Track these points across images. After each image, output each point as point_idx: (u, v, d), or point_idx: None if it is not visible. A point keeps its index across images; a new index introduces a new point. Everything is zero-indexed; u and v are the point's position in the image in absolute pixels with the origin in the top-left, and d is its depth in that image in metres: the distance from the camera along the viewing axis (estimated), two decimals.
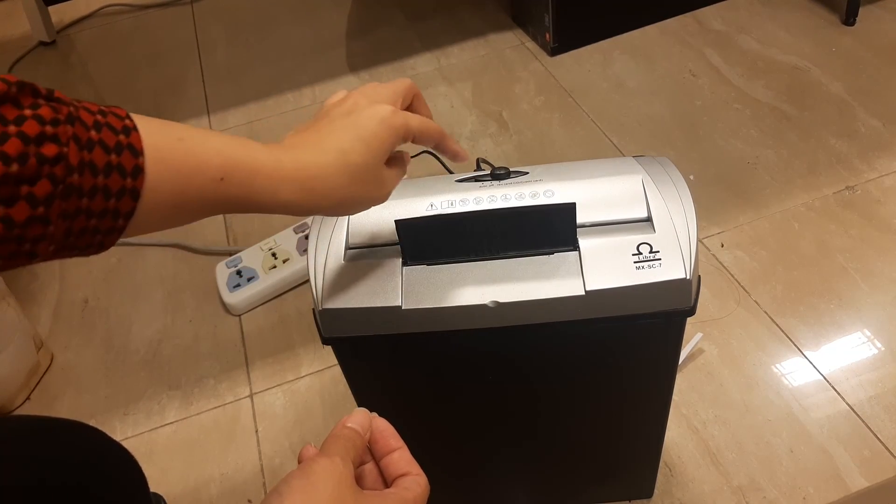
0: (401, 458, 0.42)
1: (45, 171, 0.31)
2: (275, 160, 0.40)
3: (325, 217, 0.57)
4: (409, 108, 0.50)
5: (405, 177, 0.50)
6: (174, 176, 0.37)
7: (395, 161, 0.48)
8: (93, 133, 0.33)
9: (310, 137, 0.44)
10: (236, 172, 0.39)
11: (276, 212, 0.41)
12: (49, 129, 0.31)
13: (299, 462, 0.39)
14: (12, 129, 0.30)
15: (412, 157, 0.52)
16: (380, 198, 0.46)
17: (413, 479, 0.41)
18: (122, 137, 0.34)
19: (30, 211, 0.31)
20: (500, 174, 0.58)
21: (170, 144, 0.37)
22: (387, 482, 0.42)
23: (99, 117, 0.34)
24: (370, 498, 0.38)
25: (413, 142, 0.48)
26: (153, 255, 1.19)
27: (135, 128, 0.35)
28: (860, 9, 1.41)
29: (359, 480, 0.40)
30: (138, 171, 0.35)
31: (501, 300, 0.51)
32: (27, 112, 0.31)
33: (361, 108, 0.45)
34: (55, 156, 0.31)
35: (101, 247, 0.36)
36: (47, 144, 0.31)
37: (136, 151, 0.35)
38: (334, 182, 0.42)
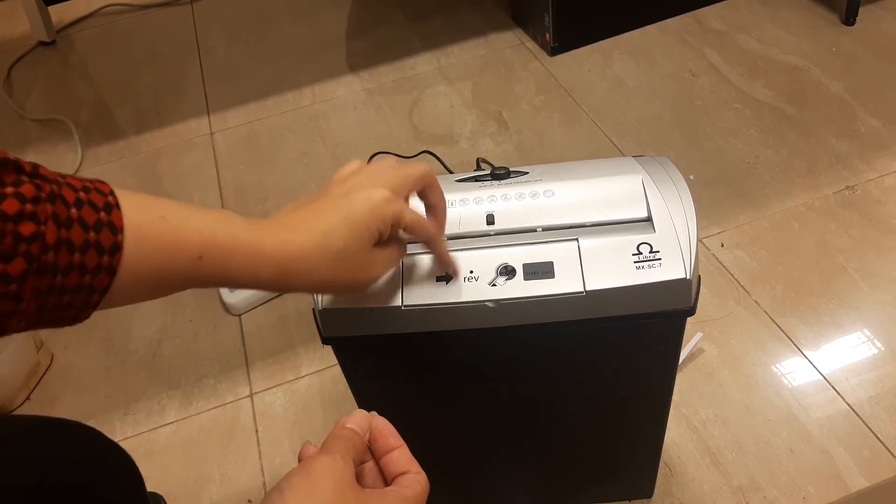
0: (400, 456, 0.42)
1: (21, 249, 0.31)
2: (256, 240, 0.40)
3: None
4: (421, 193, 0.50)
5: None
6: (153, 253, 0.37)
7: (391, 244, 0.47)
8: (73, 211, 0.34)
9: (301, 216, 0.44)
10: (215, 251, 0.39)
11: (256, 288, 0.42)
12: (29, 207, 0.32)
13: (299, 461, 0.39)
14: None
15: (412, 157, 0.52)
16: (365, 282, 0.46)
17: (413, 478, 0.41)
18: (102, 215, 0.35)
19: (3, 287, 0.31)
20: (500, 174, 0.58)
21: (150, 222, 0.37)
22: (387, 481, 0.42)
23: (81, 194, 0.34)
24: (370, 496, 0.38)
25: (405, 232, 0.47)
26: None
27: (117, 205, 0.35)
28: (860, 8, 1.41)
29: (359, 479, 0.40)
30: (116, 248, 0.35)
31: (501, 300, 0.51)
32: (8, 189, 0.31)
33: (358, 190, 0.44)
34: (32, 234, 0.31)
35: (74, 320, 0.36)
36: (25, 223, 0.31)
37: (116, 229, 0.35)
38: (313, 264, 0.42)
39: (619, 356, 0.58)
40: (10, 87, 1.65)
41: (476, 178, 0.59)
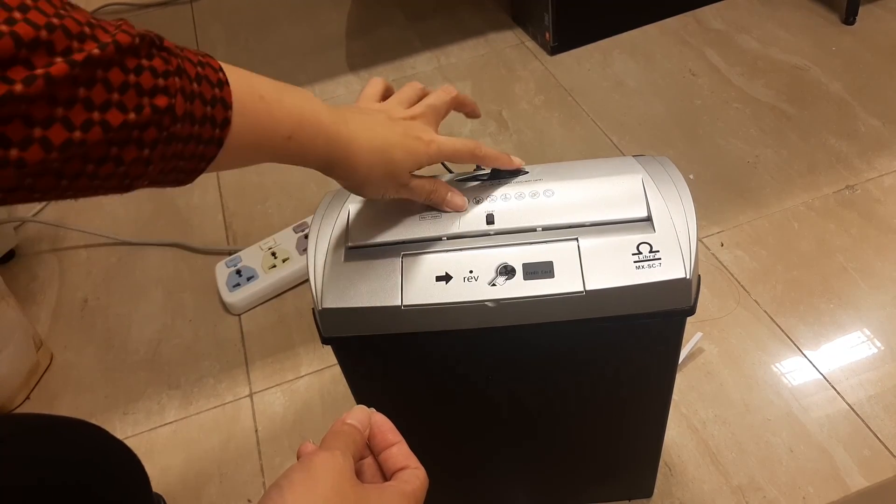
0: (399, 451, 0.42)
1: (155, 119, 0.35)
2: (335, 127, 0.46)
3: (325, 216, 0.57)
4: (455, 108, 0.58)
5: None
6: (252, 129, 0.41)
7: (426, 180, 0.54)
8: (195, 86, 0.37)
9: (370, 122, 0.50)
10: (302, 133, 0.44)
11: (322, 168, 0.47)
12: (161, 81, 0.35)
13: (298, 458, 0.39)
14: (132, 78, 0.33)
15: None
16: (392, 191, 0.52)
17: (412, 472, 0.41)
18: (216, 91, 0.38)
19: (137, 153, 0.35)
20: (499, 173, 0.58)
21: (252, 101, 0.41)
22: (386, 476, 0.42)
23: (199, 69, 0.38)
24: (370, 491, 0.38)
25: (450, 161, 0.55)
26: (153, 255, 1.19)
27: (227, 82, 0.39)
28: (860, 8, 1.41)
29: (358, 475, 0.40)
30: (226, 122, 0.39)
31: (501, 299, 0.51)
32: (144, 62, 0.34)
33: (418, 128, 0.52)
34: (165, 107, 0.35)
35: (181, 183, 0.40)
36: (159, 96, 0.35)
37: (227, 105, 0.39)
38: (371, 163, 0.48)
39: (618, 356, 0.58)
40: None
41: (476, 178, 0.59)
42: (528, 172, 0.58)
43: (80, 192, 0.35)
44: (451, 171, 0.61)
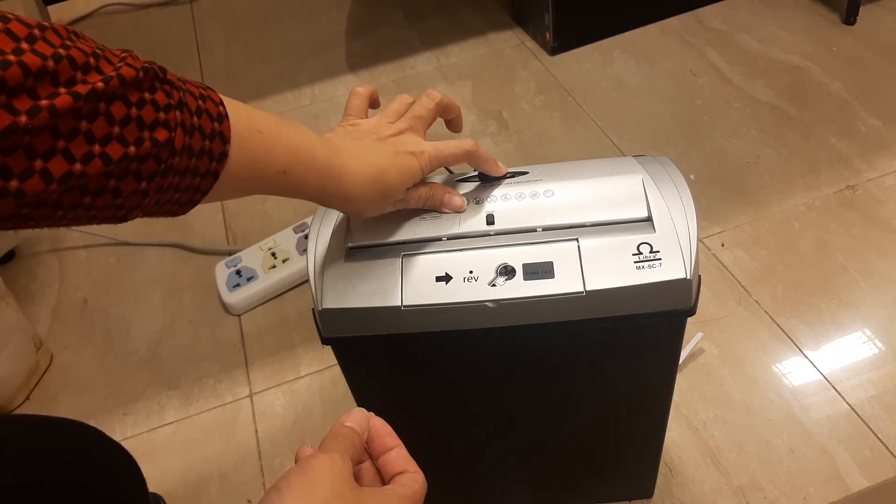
0: (398, 456, 0.42)
1: (154, 152, 0.35)
2: (328, 160, 0.46)
3: (325, 217, 0.57)
4: (441, 115, 0.58)
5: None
6: (248, 163, 0.41)
7: (422, 187, 0.54)
8: (195, 119, 0.37)
9: (360, 149, 0.49)
10: (297, 168, 0.44)
11: (311, 199, 0.47)
12: (162, 115, 0.35)
13: (296, 461, 0.39)
14: (134, 112, 0.34)
15: None
16: (389, 208, 0.53)
17: (410, 477, 0.41)
18: (215, 125, 0.38)
19: (135, 185, 0.35)
20: (487, 176, 0.58)
21: (250, 135, 0.41)
22: (384, 480, 0.42)
23: (200, 103, 0.38)
24: (368, 494, 0.38)
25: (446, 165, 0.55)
26: (153, 255, 1.19)
27: (227, 116, 0.39)
28: (860, 8, 1.41)
29: (357, 479, 0.39)
30: (224, 156, 0.39)
31: (501, 300, 0.51)
32: (146, 96, 0.34)
33: (406, 142, 0.52)
34: (165, 141, 0.35)
35: (175, 214, 0.40)
36: (159, 130, 0.35)
37: (225, 139, 0.39)
38: (366, 193, 0.48)
39: (619, 356, 0.58)
40: None
41: (476, 178, 0.58)
42: (528, 173, 0.58)
43: (76, 221, 0.35)
44: (451, 172, 0.61)
